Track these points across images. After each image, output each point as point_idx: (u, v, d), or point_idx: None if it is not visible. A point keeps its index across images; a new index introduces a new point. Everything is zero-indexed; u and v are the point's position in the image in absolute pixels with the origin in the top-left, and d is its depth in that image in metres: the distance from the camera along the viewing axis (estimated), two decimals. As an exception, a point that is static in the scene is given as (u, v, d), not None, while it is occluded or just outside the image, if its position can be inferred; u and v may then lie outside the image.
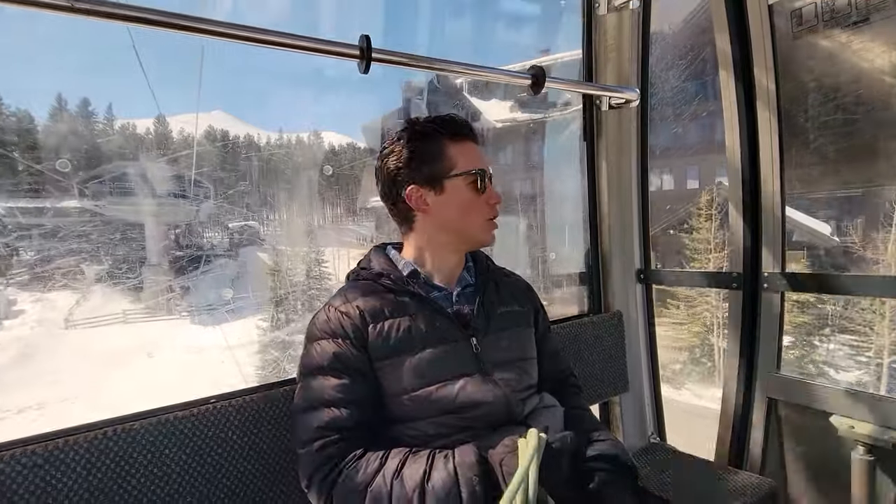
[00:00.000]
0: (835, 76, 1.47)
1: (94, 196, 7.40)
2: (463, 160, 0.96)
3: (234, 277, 8.64)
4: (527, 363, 1.02)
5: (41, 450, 0.85)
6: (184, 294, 7.98)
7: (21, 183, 7.06)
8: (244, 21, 0.96)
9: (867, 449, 1.33)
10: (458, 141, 0.97)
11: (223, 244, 8.94)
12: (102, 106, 8.96)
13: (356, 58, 1.06)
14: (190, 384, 5.27)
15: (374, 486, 0.77)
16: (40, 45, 10.16)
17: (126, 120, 8.66)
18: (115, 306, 7.33)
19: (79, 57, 11.65)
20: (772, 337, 1.57)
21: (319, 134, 11.21)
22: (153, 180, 8.10)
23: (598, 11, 1.70)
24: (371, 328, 0.90)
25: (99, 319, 7.20)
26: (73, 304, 7.14)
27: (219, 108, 10.88)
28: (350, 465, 0.81)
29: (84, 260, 7.27)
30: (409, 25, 15.18)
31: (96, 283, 7.39)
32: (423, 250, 1.01)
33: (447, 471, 0.75)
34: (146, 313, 7.59)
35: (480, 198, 0.97)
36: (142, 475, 0.92)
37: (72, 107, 8.11)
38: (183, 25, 0.87)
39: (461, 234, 0.99)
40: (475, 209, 0.97)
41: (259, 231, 9.56)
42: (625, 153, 1.86)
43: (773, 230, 1.55)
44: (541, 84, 1.31)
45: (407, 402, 0.89)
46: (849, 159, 1.64)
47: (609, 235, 1.89)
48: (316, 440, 0.84)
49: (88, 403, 5.80)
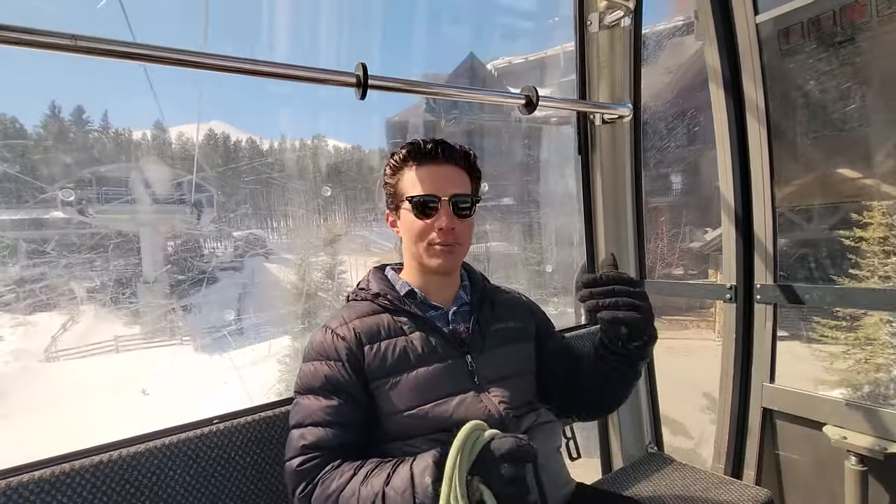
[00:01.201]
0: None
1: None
2: (412, 186, 0.97)
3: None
4: (523, 379, 1.04)
5: (47, 475, 0.87)
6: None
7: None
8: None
9: (859, 459, 1.35)
10: (417, 166, 0.98)
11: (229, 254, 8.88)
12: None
13: (353, 85, 1.08)
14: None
15: (345, 493, 0.81)
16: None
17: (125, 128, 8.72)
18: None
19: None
20: (766, 348, 1.59)
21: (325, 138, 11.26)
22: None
23: (591, 29, 1.73)
24: (367, 349, 0.93)
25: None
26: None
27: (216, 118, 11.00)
28: (326, 476, 0.85)
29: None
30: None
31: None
32: (412, 270, 1.05)
33: (405, 472, 0.78)
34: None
35: (426, 223, 0.96)
36: (147, 498, 0.94)
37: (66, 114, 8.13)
38: (183, 61, 0.90)
39: (414, 258, 1.02)
40: (417, 235, 0.98)
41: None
42: (619, 166, 1.89)
43: (766, 241, 1.57)
44: (534, 104, 1.34)
45: (403, 420, 0.91)
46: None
47: (605, 247, 1.91)
48: (298, 457, 0.87)
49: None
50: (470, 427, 0.78)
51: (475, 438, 0.77)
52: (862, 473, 1.35)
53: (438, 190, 0.96)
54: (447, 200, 0.96)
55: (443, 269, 0.99)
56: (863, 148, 1.53)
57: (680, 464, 1.66)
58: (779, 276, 1.56)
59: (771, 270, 1.57)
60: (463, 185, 1.00)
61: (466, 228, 1.00)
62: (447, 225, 0.95)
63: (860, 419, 1.37)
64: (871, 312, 3.56)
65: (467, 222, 1.00)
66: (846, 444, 1.37)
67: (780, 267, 1.56)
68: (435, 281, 1.04)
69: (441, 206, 0.96)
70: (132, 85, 9.18)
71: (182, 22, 9.27)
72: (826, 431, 1.42)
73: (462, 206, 0.98)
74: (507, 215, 11.40)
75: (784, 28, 1.43)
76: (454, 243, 0.98)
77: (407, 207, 0.98)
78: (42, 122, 8.22)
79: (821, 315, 3.62)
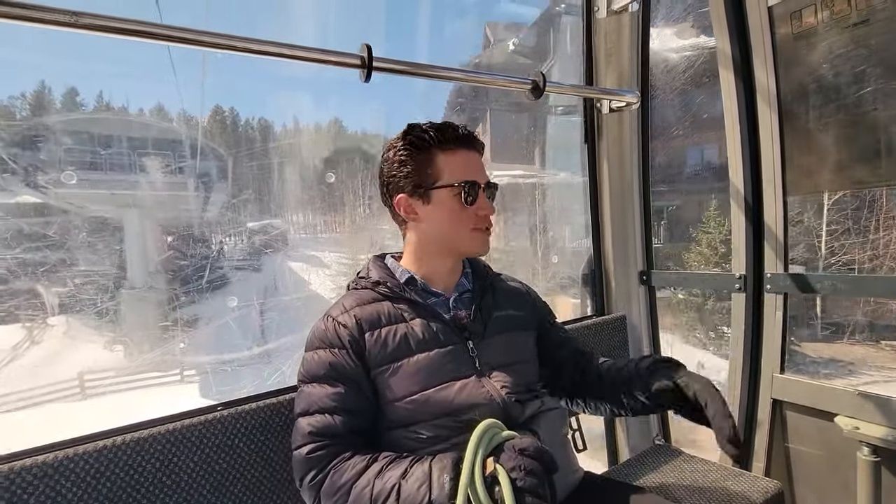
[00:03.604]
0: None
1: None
2: (449, 171, 0.96)
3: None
4: (525, 366, 1.03)
5: (51, 459, 0.86)
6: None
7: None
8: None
9: (872, 450, 1.33)
10: (448, 151, 0.97)
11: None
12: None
13: (357, 66, 1.07)
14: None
15: (358, 484, 0.80)
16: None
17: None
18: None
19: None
20: (776, 338, 1.57)
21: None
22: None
23: (598, 15, 1.71)
24: (368, 336, 0.92)
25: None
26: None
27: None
28: (338, 466, 0.83)
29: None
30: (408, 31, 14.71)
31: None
32: (418, 257, 1.03)
33: (422, 469, 0.77)
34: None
35: (468, 209, 0.97)
36: (151, 483, 0.93)
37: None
38: (186, 39, 0.88)
39: (448, 243, 1.00)
40: (461, 220, 0.97)
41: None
42: (626, 155, 1.87)
43: (776, 231, 1.55)
44: (541, 89, 1.32)
45: (406, 406, 0.90)
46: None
47: (611, 237, 1.89)
48: (307, 444, 0.86)
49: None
50: (487, 424, 0.78)
51: (492, 435, 0.77)
52: (875, 464, 1.33)
53: (478, 177, 0.98)
54: (483, 187, 0.98)
55: (484, 252, 1.02)
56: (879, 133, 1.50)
57: (688, 455, 1.64)
58: (789, 264, 1.54)
59: (781, 259, 1.55)
60: (486, 173, 1.02)
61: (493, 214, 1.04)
62: (490, 210, 0.99)
63: (873, 409, 1.34)
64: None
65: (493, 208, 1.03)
66: (858, 435, 1.34)
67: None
68: (442, 268, 1.03)
69: (480, 192, 0.98)
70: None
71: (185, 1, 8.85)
72: (837, 422, 1.40)
73: (492, 194, 1.01)
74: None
75: (797, 10, 1.40)
76: (489, 228, 1.01)
77: (449, 193, 0.96)
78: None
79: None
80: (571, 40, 1.88)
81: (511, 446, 0.74)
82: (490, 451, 0.75)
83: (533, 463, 0.72)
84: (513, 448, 0.74)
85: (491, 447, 0.75)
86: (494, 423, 0.79)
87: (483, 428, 0.76)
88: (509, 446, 0.74)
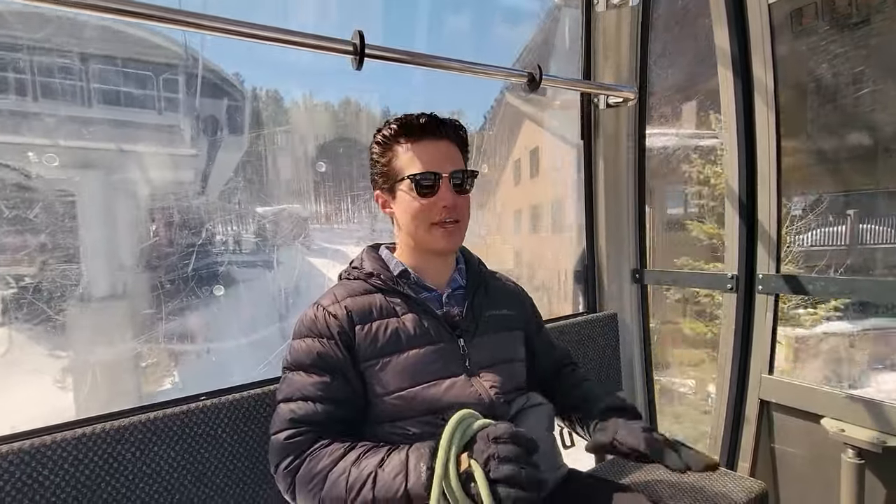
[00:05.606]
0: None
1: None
2: (410, 164, 0.93)
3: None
4: (514, 365, 1.03)
5: (28, 446, 0.85)
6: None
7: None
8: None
9: (857, 452, 1.33)
10: (410, 142, 0.94)
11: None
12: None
13: (349, 53, 1.05)
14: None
15: (335, 471, 0.79)
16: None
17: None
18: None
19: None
20: (765, 339, 1.57)
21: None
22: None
23: (597, 9, 1.69)
24: (358, 329, 0.90)
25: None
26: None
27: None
28: (315, 453, 0.83)
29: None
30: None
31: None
32: (407, 250, 1.01)
33: (399, 458, 0.76)
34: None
35: (426, 202, 0.92)
36: (130, 472, 0.92)
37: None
38: (179, 20, 0.86)
39: (414, 239, 0.98)
40: (419, 215, 0.93)
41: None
42: (621, 152, 1.85)
43: (770, 231, 1.54)
44: (537, 82, 1.30)
45: (393, 402, 0.89)
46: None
47: (605, 234, 1.88)
48: (286, 430, 0.85)
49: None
50: (460, 415, 0.76)
51: (466, 426, 0.75)
52: (859, 467, 1.33)
53: (438, 167, 0.92)
54: (447, 177, 0.93)
55: (447, 249, 0.97)
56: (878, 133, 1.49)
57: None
58: (781, 265, 1.53)
59: (774, 260, 1.54)
60: (458, 160, 0.97)
61: (466, 205, 0.97)
62: (451, 202, 0.92)
63: (859, 412, 1.34)
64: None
65: (467, 199, 0.97)
66: (844, 437, 1.35)
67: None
68: (432, 262, 1.01)
69: (442, 183, 0.93)
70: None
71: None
72: (824, 424, 1.40)
73: (462, 183, 0.95)
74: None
75: (797, 9, 1.39)
76: (456, 221, 0.95)
77: (405, 187, 0.93)
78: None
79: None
80: (570, 34, 1.85)
81: (484, 436, 0.73)
82: (466, 443, 0.74)
83: (507, 448, 0.70)
84: (486, 437, 0.72)
85: (466, 439, 0.74)
86: (470, 414, 0.78)
87: (457, 420, 0.75)
88: (482, 436, 0.73)
